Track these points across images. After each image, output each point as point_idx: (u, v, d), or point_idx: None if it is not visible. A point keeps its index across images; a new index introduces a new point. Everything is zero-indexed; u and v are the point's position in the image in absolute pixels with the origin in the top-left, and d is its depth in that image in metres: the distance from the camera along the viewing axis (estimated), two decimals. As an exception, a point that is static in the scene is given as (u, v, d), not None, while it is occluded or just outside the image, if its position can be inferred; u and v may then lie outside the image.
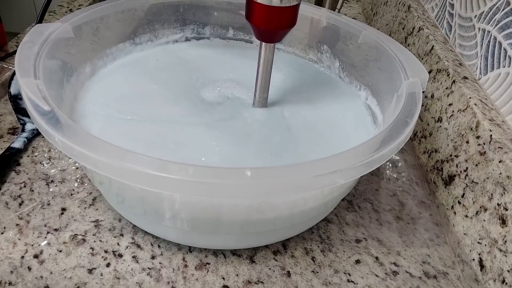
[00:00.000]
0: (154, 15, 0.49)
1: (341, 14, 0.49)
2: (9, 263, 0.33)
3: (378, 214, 0.41)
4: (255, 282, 0.34)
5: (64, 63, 0.40)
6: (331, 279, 0.35)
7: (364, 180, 0.44)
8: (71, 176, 0.41)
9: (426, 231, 0.40)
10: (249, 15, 0.36)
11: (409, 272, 0.36)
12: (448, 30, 0.51)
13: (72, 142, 0.27)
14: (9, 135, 0.44)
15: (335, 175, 0.27)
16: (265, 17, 0.35)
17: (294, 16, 0.36)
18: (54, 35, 0.38)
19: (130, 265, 0.34)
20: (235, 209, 0.31)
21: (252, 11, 0.36)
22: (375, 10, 0.75)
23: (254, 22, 0.36)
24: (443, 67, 0.46)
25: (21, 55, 0.34)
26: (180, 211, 0.31)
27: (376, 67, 0.44)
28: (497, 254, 0.33)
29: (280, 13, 0.35)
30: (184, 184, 0.26)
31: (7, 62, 0.51)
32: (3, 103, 0.48)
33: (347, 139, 0.40)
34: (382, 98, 0.42)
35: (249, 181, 0.26)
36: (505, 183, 0.33)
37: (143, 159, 0.26)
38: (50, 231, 0.36)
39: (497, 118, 0.38)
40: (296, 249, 0.37)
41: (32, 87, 0.31)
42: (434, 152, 0.45)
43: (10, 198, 0.38)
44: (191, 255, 0.35)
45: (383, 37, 0.43)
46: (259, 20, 0.35)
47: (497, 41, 0.40)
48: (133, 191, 0.31)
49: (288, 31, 0.37)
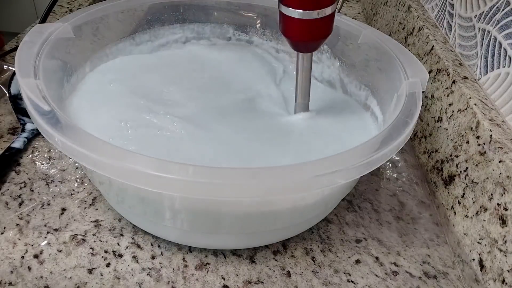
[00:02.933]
0: (154, 15, 0.49)
1: (341, 14, 0.49)
2: (9, 263, 0.33)
3: (378, 214, 0.41)
4: (255, 282, 0.34)
5: (64, 63, 0.40)
6: (331, 279, 0.35)
7: (364, 180, 0.44)
8: (71, 176, 0.40)
9: (426, 231, 0.40)
10: (284, 28, 0.36)
11: (409, 272, 0.36)
12: (448, 30, 0.51)
13: (72, 142, 0.27)
14: (9, 135, 0.44)
15: (335, 175, 0.27)
16: (300, 29, 0.35)
17: (330, 25, 0.36)
18: (54, 35, 0.38)
19: (130, 265, 0.34)
20: (235, 209, 0.31)
21: (285, 25, 0.35)
22: (375, 10, 0.75)
23: (289, 35, 0.36)
24: (443, 67, 0.46)
25: (21, 55, 0.34)
26: (180, 211, 0.31)
27: (376, 67, 0.44)
28: (497, 254, 0.33)
29: (315, 24, 0.35)
30: (184, 184, 0.26)
31: (7, 62, 0.51)
32: (3, 103, 0.48)
33: (347, 139, 0.40)
34: (382, 98, 0.42)
35: (249, 181, 0.26)
36: (505, 183, 0.33)
37: (143, 159, 0.26)
38: (50, 231, 0.36)
39: (497, 118, 0.38)
40: (296, 249, 0.37)
41: (32, 87, 0.31)
42: (434, 152, 0.45)
43: (10, 198, 0.38)
44: (191, 255, 0.35)
45: (383, 37, 0.43)
46: (294, 33, 0.35)
47: (497, 41, 0.40)
48: (133, 191, 0.31)
49: (325, 40, 0.37)
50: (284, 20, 0.35)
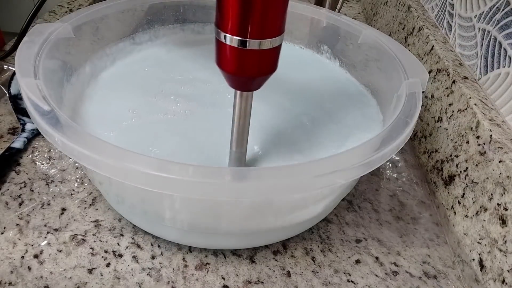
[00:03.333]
0: (154, 15, 0.49)
1: (341, 14, 0.49)
2: (9, 263, 0.33)
3: (378, 214, 0.41)
4: (255, 282, 0.34)
5: (64, 63, 0.40)
6: (331, 279, 0.35)
7: (364, 180, 0.44)
8: (71, 176, 0.40)
9: (426, 231, 0.40)
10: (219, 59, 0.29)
11: (409, 272, 0.36)
12: (448, 30, 0.51)
13: (72, 142, 0.27)
14: (9, 135, 0.44)
15: (335, 175, 0.27)
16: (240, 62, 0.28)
17: (275, 60, 0.29)
18: (54, 35, 0.38)
19: (130, 265, 0.34)
20: (235, 209, 0.31)
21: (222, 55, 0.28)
22: (375, 10, 0.75)
23: (225, 68, 0.28)
24: (443, 67, 0.46)
25: (21, 55, 0.34)
26: (180, 211, 0.31)
27: (376, 67, 0.44)
28: (497, 254, 0.33)
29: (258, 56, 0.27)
30: (184, 184, 0.26)
31: (7, 62, 0.51)
32: (3, 103, 0.48)
33: (347, 139, 0.40)
34: (382, 98, 0.42)
35: (249, 181, 0.26)
36: (505, 183, 0.33)
37: (143, 159, 0.26)
38: (50, 231, 0.36)
39: (497, 118, 0.38)
40: (296, 249, 0.37)
41: (32, 87, 0.31)
42: (434, 152, 0.45)
43: (10, 198, 0.38)
44: (191, 255, 0.35)
45: (383, 37, 0.43)
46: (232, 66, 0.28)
47: (497, 41, 0.40)
48: (133, 191, 0.31)
49: (268, 77, 0.30)
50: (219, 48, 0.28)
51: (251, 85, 0.30)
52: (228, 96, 0.43)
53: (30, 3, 1.42)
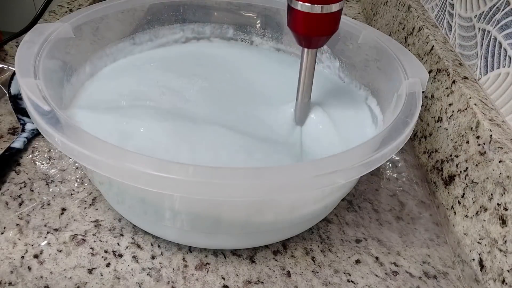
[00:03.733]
0: (154, 15, 0.49)
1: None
2: (9, 263, 0.33)
3: (378, 214, 0.41)
4: (255, 282, 0.34)
5: (64, 63, 0.40)
6: (331, 279, 0.35)
7: (364, 180, 0.44)
8: (71, 176, 0.41)
9: (426, 231, 0.40)
10: (291, 22, 0.36)
11: (409, 272, 0.36)
12: (448, 30, 0.51)
13: (72, 142, 0.27)
14: (9, 135, 0.44)
15: (335, 175, 0.27)
16: (306, 24, 0.35)
17: (337, 21, 0.36)
18: (54, 35, 0.38)
19: (130, 265, 0.34)
20: (235, 209, 0.31)
21: (293, 18, 0.35)
22: (375, 10, 0.75)
23: (296, 29, 0.35)
24: (443, 67, 0.46)
25: (21, 55, 0.34)
26: (180, 211, 0.31)
27: (376, 67, 0.44)
28: (497, 254, 0.33)
29: (322, 19, 0.34)
30: (184, 184, 0.26)
31: (7, 62, 0.51)
32: (3, 103, 0.48)
33: (347, 139, 0.40)
34: (382, 98, 0.42)
35: (249, 181, 0.26)
36: (505, 183, 0.33)
37: (143, 159, 0.26)
38: (50, 231, 0.36)
39: (497, 118, 0.38)
40: (296, 249, 0.37)
41: (32, 87, 0.31)
42: (434, 152, 0.45)
43: (10, 198, 0.38)
44: (191, 255, 0.35)
45: (383, 37, 0.43)
46: (301, 27, 0.35)
47: (497, 41, 0.40)
48: (133, 191, 0.31)
49: (331, 36, 0.36)
50: (291, 13, 0.35)
51: (315, 43, 0.36)
52: (224, 96, 0.43)
53: (30, 3, 1.42)
